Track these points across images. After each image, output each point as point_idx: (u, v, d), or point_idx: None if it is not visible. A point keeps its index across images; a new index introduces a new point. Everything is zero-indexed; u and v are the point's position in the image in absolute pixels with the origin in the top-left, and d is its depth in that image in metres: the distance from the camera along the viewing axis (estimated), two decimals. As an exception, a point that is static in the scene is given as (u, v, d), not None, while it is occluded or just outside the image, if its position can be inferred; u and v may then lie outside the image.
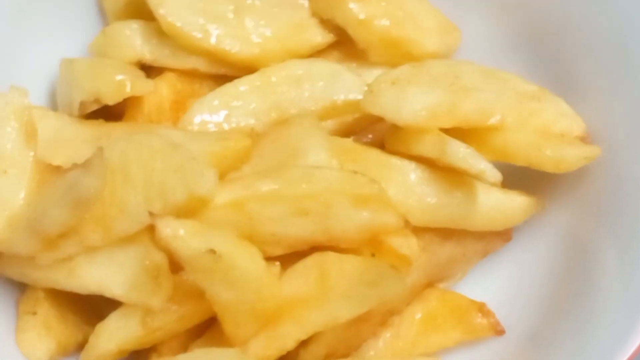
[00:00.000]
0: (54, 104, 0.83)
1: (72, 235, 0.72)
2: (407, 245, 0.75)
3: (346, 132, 0.79)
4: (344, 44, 0.83)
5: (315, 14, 0.83)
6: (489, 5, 0.87)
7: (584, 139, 0.79)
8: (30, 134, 0.77)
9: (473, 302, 0.79)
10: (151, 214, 0.69)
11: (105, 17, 0.86)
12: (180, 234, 0.68)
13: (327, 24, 0.83)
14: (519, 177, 0.78)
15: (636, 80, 0.77)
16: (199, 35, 0.80)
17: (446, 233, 0.77)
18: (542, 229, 0.81)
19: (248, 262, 0.70)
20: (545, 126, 0.78)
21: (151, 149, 0.73)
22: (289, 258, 0.73)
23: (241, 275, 0.69)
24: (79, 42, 0.84)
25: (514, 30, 0.86)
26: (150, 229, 0.69)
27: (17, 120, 0.77)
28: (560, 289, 0.78)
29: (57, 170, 0.76)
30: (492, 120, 0.77)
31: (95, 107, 0.79)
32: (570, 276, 0.78)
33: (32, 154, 0.77)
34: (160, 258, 0.72)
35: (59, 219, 0.71)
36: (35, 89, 0.80)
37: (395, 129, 0.77)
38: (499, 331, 0.79)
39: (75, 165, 0.72)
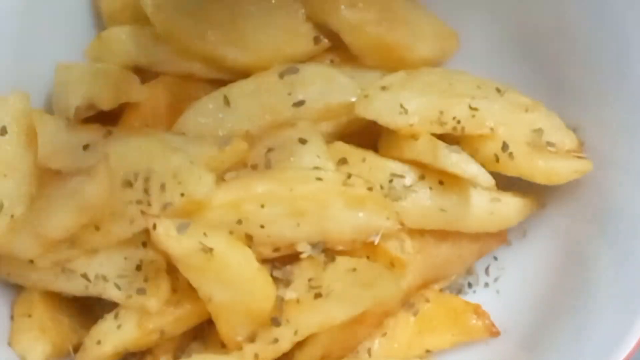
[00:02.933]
0: (49, 109, 0.83)
1: (71, 238, 0.72)
2: (402, 247, 0.75)
3: (341, 134, 0.80)
4: (338, 49, 0.83)
5: (309, 19, 0.83)
6: (488, 20, 0.87)
7: (576, 153, 0.79)
8: (30, 138, 0.77)
9: (468, 303, 0.79)
10: (144, 214, 0.69)
11: (101, 22, 0.86)
12: (173, 233, 0.68)
13: (321, 29, 0.83)
14: (514, 179, 0.78)
15: (632, 92, 0.77)
16: (195, 41, 0.80)
17: (442, 235, 0.77)
18: (538, 231, 0.82)
19: (241, 261, 0.70)
20: (538, 138, 0.78)
21: (150, 153, 0.73)
22: (284, 260, 0.74)
23: (234, 275, 0.70)
24: (75, 47, 0.84)
25: (511, 45, 0.86)
26: (148, 232, 0.69)
27: (18, 124, 0.77)
28: (555, 290, 0.78)
29: (57, 174, 0.76)
30: (484, 129, 0.77)
31: (91, 113, 0.79)
32: (565, 278, 0.78)
33: (32, 157, 0.77)
34: (158, 260, 0.72)
35: (63, 224, 0.71)
36: (31, 94, 0.80)
37: (389, 133, 0.78)
38: (493, 333, 0.79)
39: (79, 171, 0.72)
